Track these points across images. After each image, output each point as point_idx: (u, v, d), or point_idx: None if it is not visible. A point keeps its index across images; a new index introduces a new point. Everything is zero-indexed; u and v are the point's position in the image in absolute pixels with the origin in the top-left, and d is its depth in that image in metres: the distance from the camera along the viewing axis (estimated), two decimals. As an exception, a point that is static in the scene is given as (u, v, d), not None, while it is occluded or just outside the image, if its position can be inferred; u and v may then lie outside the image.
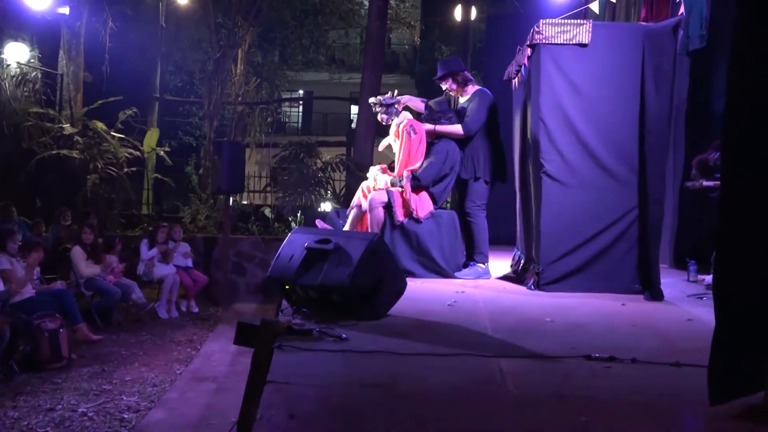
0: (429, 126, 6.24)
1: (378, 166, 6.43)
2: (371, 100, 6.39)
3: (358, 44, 20.84)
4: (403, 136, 6.16)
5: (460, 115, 6.24)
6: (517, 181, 6.56)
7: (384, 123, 6.35)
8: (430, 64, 21.99)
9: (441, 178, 6.15)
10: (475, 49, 17.51)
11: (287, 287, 4.28)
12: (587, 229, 5.33)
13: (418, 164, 6.11)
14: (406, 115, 6.26)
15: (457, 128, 6.17)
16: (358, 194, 6.28)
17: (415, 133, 6.09)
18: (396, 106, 6.25)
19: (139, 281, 8.95)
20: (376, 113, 6.35)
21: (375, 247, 4.14)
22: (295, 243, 4.35)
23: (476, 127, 6.13)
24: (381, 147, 6.88)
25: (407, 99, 6.42)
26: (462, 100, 6.31)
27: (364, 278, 4.04)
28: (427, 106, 6.42)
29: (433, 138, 6.25)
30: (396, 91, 6.40)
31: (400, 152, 6.22)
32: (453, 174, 6.16)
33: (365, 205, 6.07)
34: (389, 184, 6.15)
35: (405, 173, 6.10)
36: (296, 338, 3.48)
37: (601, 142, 5.34)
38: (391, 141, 6.35)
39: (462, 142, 6.19)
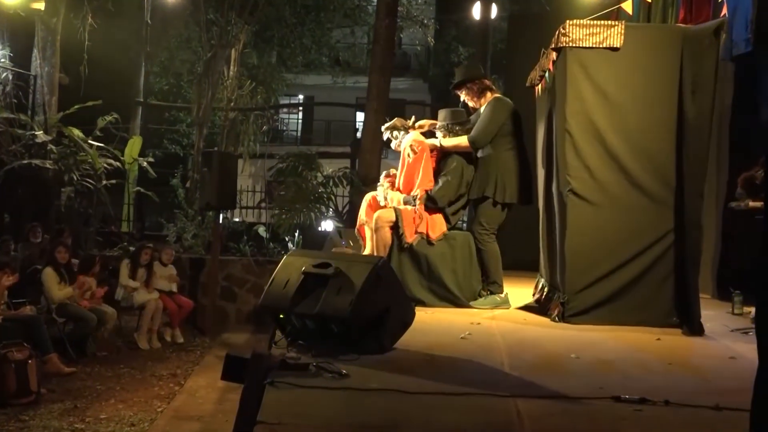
0: (434, 141, 6.29)
1: (387, 181, 6.47)
2: (385, 127, 6.50)
3: (365, 44, 20.98)
4: (404, 155, 6.23)
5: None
6: (540, 200, 6.57)
7: (400, 148, 6.42)
8: (446, 66, 22.12)
9: (457, 198, 6.19)
10: (496, 50, 17.54)
11: (281, 316, 4.30)
12: (618, 255, 5.34)
13: (430, 183, 6.17)
14: (412, 135, 6.32)
15: (461, 140, 6.20)
16: (363, 208, 6.32)
17: (414, 153, 6.15)
18: (407, 128, 6.33)
19: (118, 307, 8.98)
20: (388, 140, 6.45)
21: (380, 272, 4.16)
22: (290, 267, 4.37)
23: (485, 139, 6.15)
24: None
25: (425, 123, 6.52)
26: (481, 110, 6.35)
27: (368, 307, 4.05)
28: (439, 113, 6.46)
29: (443, 154, 6.29)
30: (413, 117, 6.50)
31: (400, 174, 6.28)
32: (467, 194, 6.21)
33: (367, 220, 6.11)
34: (402, 203, 6.19)
35: (418, 192, 6.13)
36: (291, 374, 3.49)
37: (634, 156, 5.36)
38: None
39: (477, 157, 6.21)
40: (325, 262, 4.29)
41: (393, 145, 6.49)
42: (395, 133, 6.44)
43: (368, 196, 6.43)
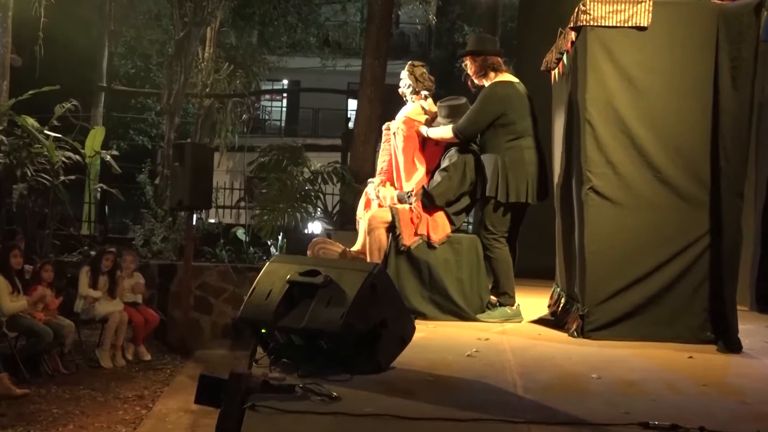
0: (422, 129, 6.32)
1: (376, 180, 6.47)
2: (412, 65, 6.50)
3: (358, 23, 21.02)
4: (395, 137, 6.25)
5: None
6: (556, 199, 6.56)
7: (402, 95, 6.46)
8: (449, 48, 22.19)
9: (459, 196, 6.18)
10: (506, 30, 17.64)
11: (263, 331, 4.28)
12: (645, 261, 5.32)
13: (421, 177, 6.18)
14: (415, 108, 6.32)
15: (447, 130, 6.20)
16: (362, 202, 6.35)
17: (402, 138, 6.17)
18: (419, 92, 6.34)
19: (77, 320, 8.96)
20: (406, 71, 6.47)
21: (375, 280, 4.14)
22: (274, 275, 4.35)
23: (471, 130, 6.12)
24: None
25: (430, 113, 6.51)
26: None
27: (362, 321, 4.03)
28: (440, 106, 6.43)
29: (446, 145, 6.29)
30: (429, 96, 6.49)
31: (394, 153, 6.35)
32: (471, 191, 6.21)
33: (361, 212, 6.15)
34: (395, 200, 6.18)
35: (413, 188, 6.12)
36: (274, 396, 3.47)
37: (663, 149, 5.35)
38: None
39: (480, 151, 6.21)
40: (313, 269, 4.27)
41: (404, 74, 6.49)
42: (412, 77, 6.43)
43: (369, 188, 6.49)
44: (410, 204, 6.10)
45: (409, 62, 6.60)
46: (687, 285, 5.32)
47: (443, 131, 6.21)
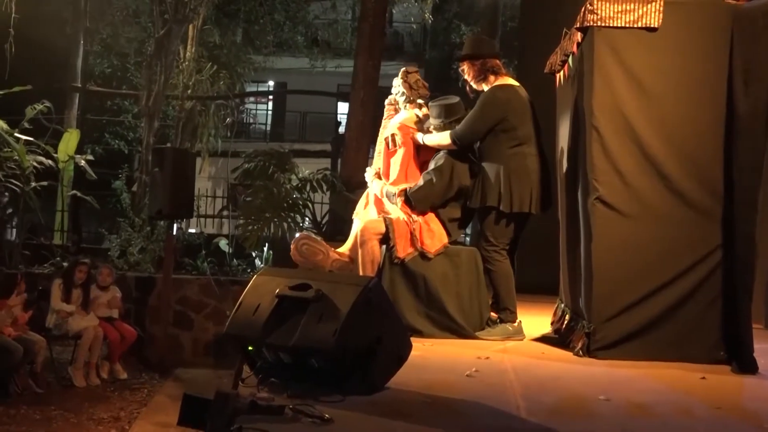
0: (417, 136, 6.35)
1: (373, 169, 6.52)
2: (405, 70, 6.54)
3: (349, 21, 21.06)
4: (388, 143, 6.29)
5: None
6: (561, 210, 6.59)
7: (392, 106, 6.55)
8: (445, 48, 22.24)
9: (445, 203, 6.19)
10: (506, 29, 17.68)
11: (251, 348, 4.28)
12: (655, 276, 5.35)
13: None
14: (405, 119, 6.34)
15: (444, 136, 6.22)
16: (362, 202, 6.42)
17: (396, 145, 6.19)
18: (413, 100, 6.37)
19: (49, 336, 8.92)
20: (397, 94, 6.52)
21: (370, 295, 4.15)
22: (262, 289, 4.36)
23: (470, 137, 6.16)
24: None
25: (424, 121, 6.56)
26: None
27: (356, 338, 4.04)
28: (431, 107, 6.46)
29: (434, 152, 6.33)
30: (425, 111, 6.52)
31: (386, 158, 6.42)
32: (467, 197, 6.24)
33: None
34: (383, 194, 6.23)
35: (398, 194, 6.16)
36: (262, 418, 3.48)
37: (674, 157, 5.39)
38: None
39: (479, 157, 6.23)
40: (303, 283, 4.28)
41: (394, 98, 6.52)
42: (407, 84, 6.46)
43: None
44: (394, 203, 6.14)
45: (403, 69, 6.61)
46: (699, 301, 5.35)
47: (440, 138, 6.23)
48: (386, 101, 6.63)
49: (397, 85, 6.54)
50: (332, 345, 3.97)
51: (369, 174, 6.56)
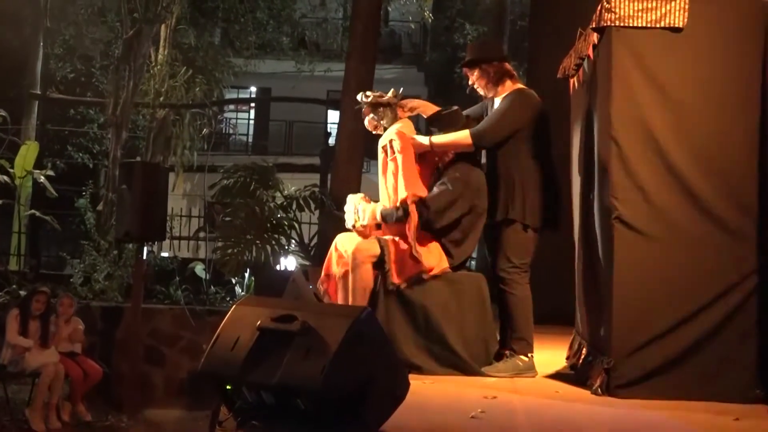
0: (421, 139, 6.29)
1: (358, 195, 6.47)
2: (359, 96, 6.49)
3: (340, 20, 21.14)
4: (381, 154, 6.25)
5: None
6: (576, 230, 6.59)
7: (373, 132, 6.45)
8: (447, 50, 22.32)
9: (457, 218, 6.17)
10: (515, 29, 17.76)
11: (229, 387, 4.27)
12: (682, 305, 5.34)
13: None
14: (402, 126, 6.32)
15: (462, 135, 6.20)
16: (330, 254, 6.29)
17: (394, 152, 6.16)
18: (391, 109, 6.33)
19: (4, 373, 8.90)
20: (364, 117, 6.46)
21: (362, 327, 4.14)
22: (241, 321, 4.35)
23: (493, 136, 6.16)
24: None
25: (418, 104, 6.50)
26: (496, 103, 6.37)
27: (345, 376, 4.03)
28: (430, 120, 6.44)
29: (441, 160, 6.30)
30: (401, 90, 6.48)
31: (384, 174, 6.32)
32: (476, 215, 6.19)
33: (335, 269, 6.09)
34: (378, 217, 6.18)
35: (407, 200, 6.08)
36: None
37: (702, 172, 5.38)
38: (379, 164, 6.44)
39: (491, 169, 6.23)
40: (287, 314, 4.26)
41: (367, 122, 6.45)
42: (379, 112, 6.42)
43: (338, 238, 6.37)
44: (398, 219, 6.08)
45: (360, 98, 6.51)
46: (732, 333, 5.32)
47: (455, 136, 6.20)
48: (380, 145, 6.46)
49: (369, 112, 6.46)
50: (320, 383, 3.95)
51: (353, 200, 6.41)
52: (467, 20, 21.45)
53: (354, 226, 6.30)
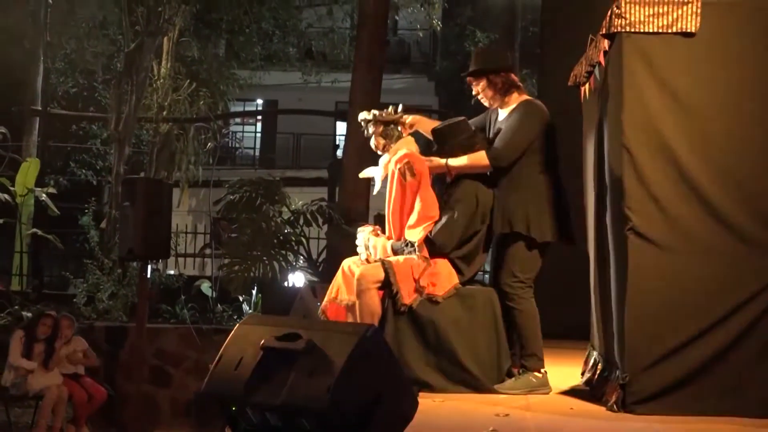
0: (438, 161, 6.29)
1: (368, 228, 6.46)
2: (362, 115, 6.48)
3: (347, 30, 21.17)
4: (394, 177, 6.20)
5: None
6: (590, 242, 6.58)
7: (379, 152, 6.44)
8: (458, 58, 22.33)
9: (469, 237, 6.18)
10: (526, 36, 17.78)
11: (233, 409, 4.27)
12: (699, 317, 5.32)
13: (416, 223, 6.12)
14: (407, 145, 6.31)
15: (479, 157, 6.19)
16: (336, 279, 6.29)
17: (413, 175, 6.13)
18: (398, 126, 6.32)
19: (6, 396, 8.92)
20: (369, 136, 6.44)
21: (368, 346, 4.13)
22: (245, 340, 4.34)
23: (511, 155, 6.15)
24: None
25: (414, 120, 6.48)
26: (502, 114, 6.37)
27: (352, 395, 4.03)
28: (436, 133, 6.43)
29: (451, 178, 6.30)
30: (400, 107, 6.47)
31: (389, 202, 6.27)
32: (484, 231, 6.22)
33: (344, 296, 6.08)
34: (390, 252, 6.17)
35: (415, 237, 6.09)
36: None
37: (719, 181, 5.38)
38: (377, 177, 6.41)
39: (496, 180, 6.23)
40: (292, 332, 4.26)
41: (374, 140, 6.42)
42: (389, 130, 6.40)
43: (346, 264, 6.35)
44: (410, 254, 6.08)
45: (364, 118, 6.49)
46: (752, 346, 5.31)
47: (473, 158, 6.19)
48: (391, 167, 6.32)
49: (373, 129, 6.44)
50: (325, 403, 3.94)
51: (364, 235, 6.40)
52: (478, 27, 21.47)
53: (368, 261, 6.29)
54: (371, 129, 6.39)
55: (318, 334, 4.24)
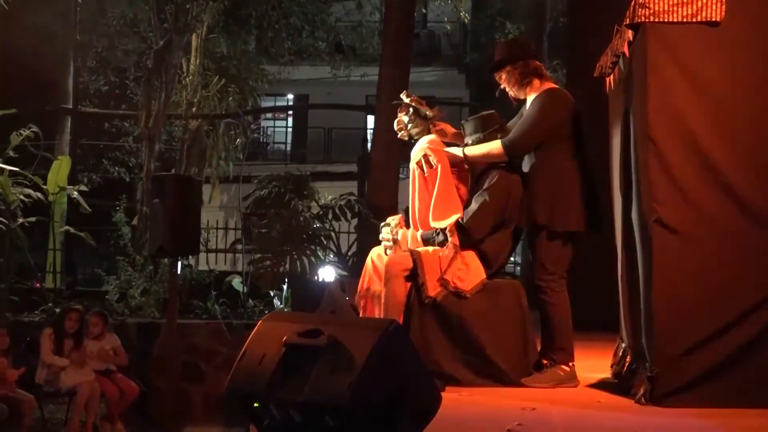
0: (454, 150, 6.28)
1: (393, 220, 6.44)
2: (403, 95, 6.46)
3: (376, 23, 21.13)
4: (415, 171, 6.20)
5: None
6: (618, 233, 6.54)
7: (397, 132, 6.46)
8: (488, 50, 22.23)
9: (499, 226, 6.15)
10: (556, 27, 17.67)
11: (256, 405, 4.27)
12: (727, 308, 5.27)
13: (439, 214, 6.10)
14: (431, 140, 6.29)
15: (493, 146, 6.17)
16: (367, 269, 6.28)
17: (431, 166, 6.11)
18: (429, 124, 6.32)
19: (39, 393, 8.99)
20: (400, 128, 6.44)
21: (390, 341, 4.12)
22: (267, 337, 4.35)
23: (525, 144, 6.13)
24: None
25: (443, 127, 6.47)
26: (527, 104, 6.33)
27: (374, 391, 4.02)
28: (466, 125, 6.42)
29: (479, 168, 6.28)
30: (446, 111, 6.47)
31: (412, 195, 6.27)
32: (514, 223, 6.18)
33: (377, 286, 6.07)
34: (420, 242, 6.16)
35: (446, 223, 6.07)
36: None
37: (745, 171, 5.32)
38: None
39: (525, 170, 6.20)
40: (314, 328, 4.26)
41: (396, 121, 6.44)
42: (412, 117, 6.39)
43: (374, 252, 6.37)
44: (440, 245, 6.06)
45: (401, 101, 6.50)
46: (784, 336, 5.26)
47: (488, 147, 6.17)
48: (413, 160, 6.34)
49: (406, 118, 6.43)
50: (347, 400, 3.93)
51: (390, 227, 6.38)
52: (508, 19, 21.40)
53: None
54: (400, 108, 6.41)
55: (340, 330, 4.23)
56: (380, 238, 6.42)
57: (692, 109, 5.35)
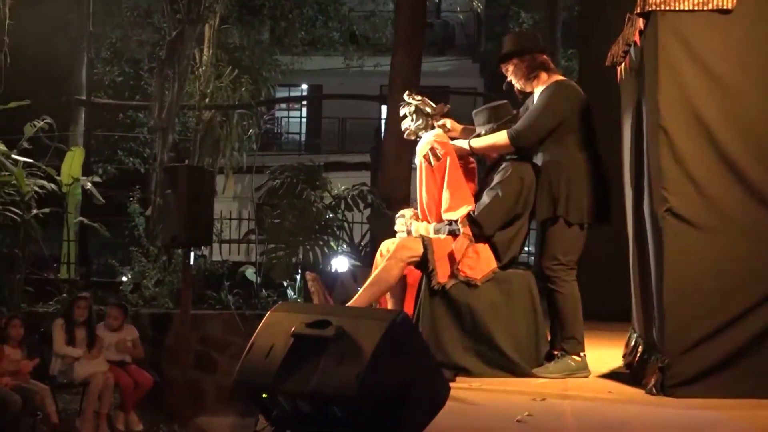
0: (460, 142, 6.28)
1: (408, 212, 6.44)
2: (406, 95, 6.47)
3: (389, 13, 21.11)
4: (422, 166, 6.20)
5: None
6: (629, 224, 6.52)
7: (402, 127, 6.47)
8: (503, 40, 22.20)
9: (512, 220, 6.15)
10: (570, 16, 17.63)
11: (264, 396, 4.28)
12: (739, 299, 5.26)
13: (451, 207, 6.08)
14: (437, 134, 6.28)
15: (499, 137, 6.17)
16: (377, 262, 6.26)
17: (438, 159, 6.10)
18: (429, 115, 6.30)
19: (53, 383, 9.01)
20: (403, 116, 6.44)
21: (399, 331, 4.12)
22: (275, 328, 4.35)
23: (531, 135, 6.13)
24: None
25: (446, 123, 6.48)
26: (535, 96, 6.33)
27: (382, 381, 4.02)
28: (477, 115, 6.42)
29: (490, 161, 6.27)
30: (447, 107, 6.47)
31: (420, 189, 6.26)
32: (527, 213, 6.19)
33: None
34: (432, 234, 6.16)
35: (458, 215, 6.06)
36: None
37: (758, 161, 5.31)
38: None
39: (538, 162, 6.18)
40: (322, 319, 4.26)
41: (404, 128, 6.46)
42: (414, 116, 6.39)
43: (384, 246, 6.36)
44: (453, 234, 6.06)
45: (404, 102, 6.50)
46: (794, 326, 5.23)
47: (493, 138, 6.18)
48: (419, 154, 6.35)
49: (409, 113, 6.44)
50: (355, 390, 3.94)
51: (405, 218, 6.39)
52: (522, 8, 21.36)
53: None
54: (404, 111, 6.41)
55: (348, 320, 4.24)
56: (395, 229, 6.42)
57: (704, 98, 5.33)
